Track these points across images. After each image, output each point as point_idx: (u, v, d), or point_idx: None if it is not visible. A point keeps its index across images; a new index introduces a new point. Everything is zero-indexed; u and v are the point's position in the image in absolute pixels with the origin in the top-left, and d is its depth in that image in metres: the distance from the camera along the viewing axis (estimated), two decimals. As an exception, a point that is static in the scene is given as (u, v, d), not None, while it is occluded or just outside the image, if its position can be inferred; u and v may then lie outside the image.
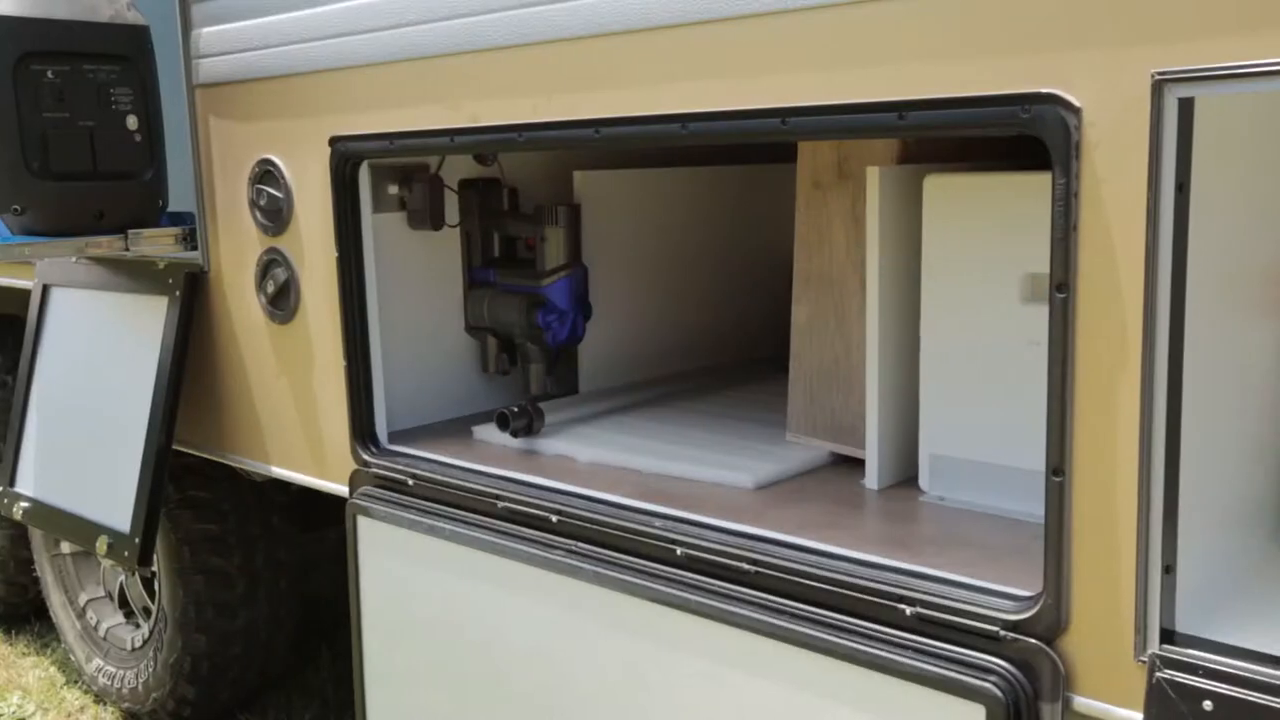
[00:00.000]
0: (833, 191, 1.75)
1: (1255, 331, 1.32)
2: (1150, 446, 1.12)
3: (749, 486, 1.71)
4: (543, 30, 1.60)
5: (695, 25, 1.45)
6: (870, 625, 1.33)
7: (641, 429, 2.00)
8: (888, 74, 1.29)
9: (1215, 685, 1.06)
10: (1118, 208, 1.13)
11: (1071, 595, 1.19)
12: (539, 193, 2.27)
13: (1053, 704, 1.20)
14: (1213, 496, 1.23)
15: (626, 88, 1.53)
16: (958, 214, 1.56)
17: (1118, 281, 1.14)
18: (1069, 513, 1.18)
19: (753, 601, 1.43)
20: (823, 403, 1.80)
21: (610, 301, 2.24)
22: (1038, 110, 1.16)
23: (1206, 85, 1.07)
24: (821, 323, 1.79)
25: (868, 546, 1.43)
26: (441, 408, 2.19)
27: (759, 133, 1.40)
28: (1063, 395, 1.17)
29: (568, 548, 1.64)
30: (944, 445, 1.62)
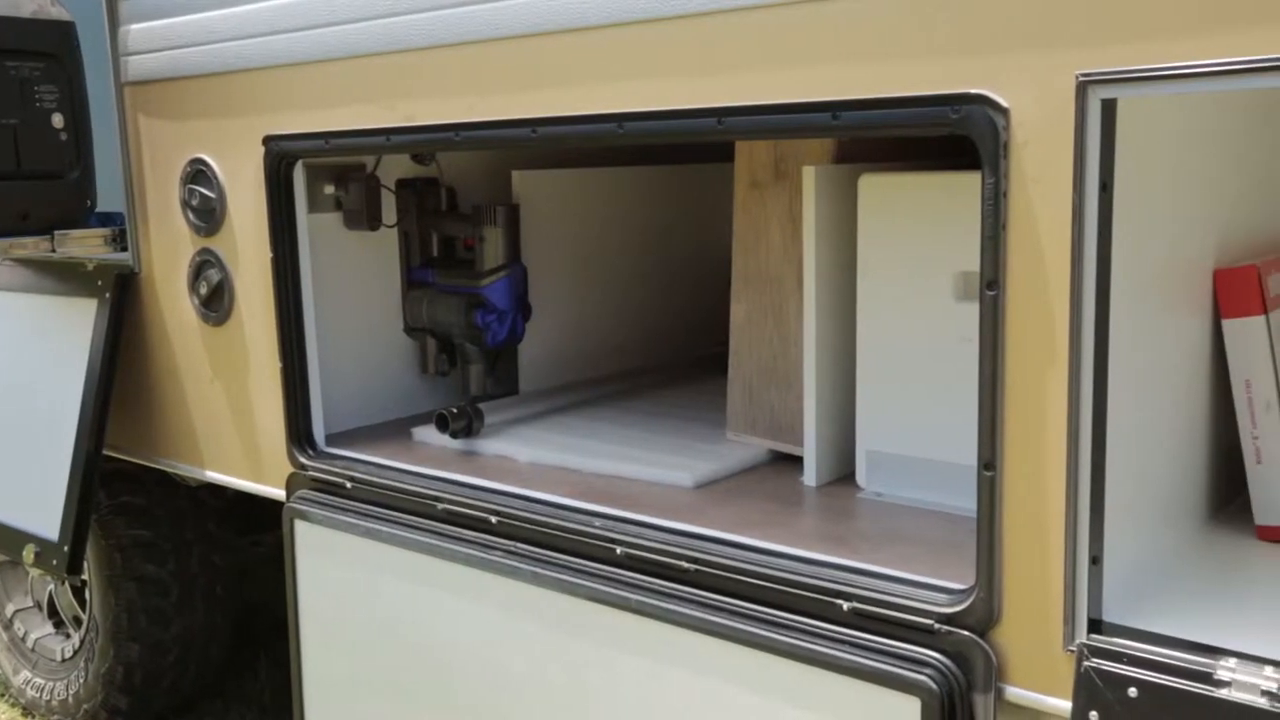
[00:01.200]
0: (770, 191, 1.76)
1: (1179, 327, 1.35)
2: (1078, 441, 1.15)
3: (688, 485, 1.71)
4: (478, 29, 1.59)
5: (631, 25, 1.45)
6: (808, 621, 1.34)
7: (581, 429, 2.00)
8: (822, 75, 1.30)
9: (1140, 672, 1.08)
10: (1045, 206, 1.15)
11: (1003, 588, 1.21)
12: (477, 193, 2.25)
13: (985, 695, 1.22)
14: (1139, 489, 1.25)
15: (563, 87, 1.52)
16: (892, 213, 1.58)
17: (1045, 279, 1.16)
18: (1000, 507, 1.20)
19: (692, 599, 1.44)
20: (761, 401, 1.81)
21: (550, 301, 2.24)
22: (967, 111, 1.18)
23: (1128, 87, 1.09)
24: (760, 321, 1.80)
25: (806, 543, 1.44)
26: (380, 409, 2.17)
27: (695, 132, 1.41)
28: (993, 391, 1.19)
29: (507, 549, 1.63)
30: (881, 442, 1.63)
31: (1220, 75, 1.04)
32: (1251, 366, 1.38)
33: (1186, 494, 1.40)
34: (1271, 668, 1.03)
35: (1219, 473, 1.48)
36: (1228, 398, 1.41)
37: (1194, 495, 1.42)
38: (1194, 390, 1.39)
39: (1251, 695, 1.02)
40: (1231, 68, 1.03)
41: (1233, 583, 1.29)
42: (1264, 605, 1.22)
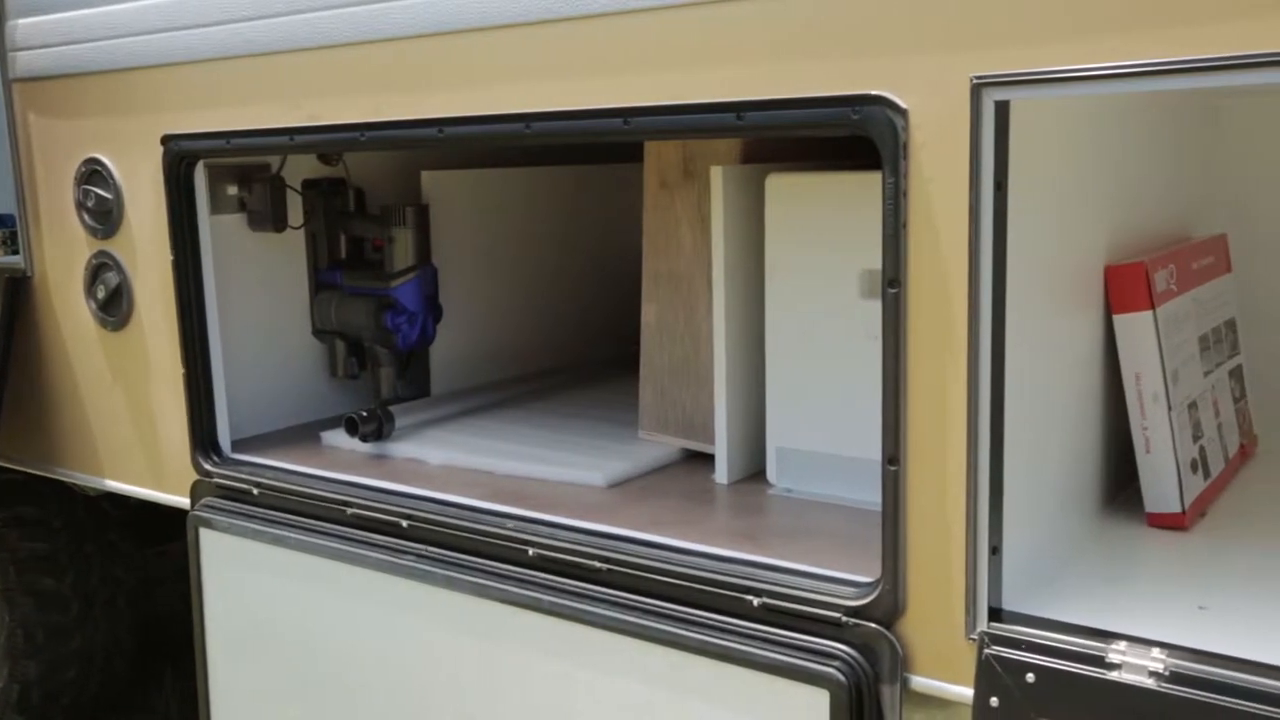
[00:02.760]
0: (679, 191, 1.77)
1: (1073, 323, 1.39)
2: (977, 435, 1.17)
3: (601, 485, 1.71)
4: (382, 28, 1.57)
5: (538, 25, 1.45)
6: (719, 617, 1.35)
7: (494, 430, 1.99)
8: (727, 75, 1.31)
9: (1036, 658, 1.12)
10: (943, 205, 1.17)
11: (907, 580, 1.23)
12: (386, 193, 2.23)
13: (892, 685, 1.24)
14: (1036, 480, 1.29)
15: (470, 87, 1.52)
16: (799, 212, 1.60)
17: (944, 277, 1.18)
18: (904, 501, 1.22)
19: (605, 599, 1.44)
20: (673, 400, 1.82)
21: (461, 302, 2.22)
22: (867, 111, 1.20)
23: (1020, 89, 1.12)
24: (670, 321, 1.81)
25: (717, 540, 1.46)
26: (288, 414, 2.13)
27: (602, 132, 1.41)
28: (896, 387, 1.22)
29: (419, 552, 1.61)
30: (790, 438, 1.65)
31: (1108, 79, 1.08)
32: (1141, 360, 1.43)
33: (1081, 484, 1.44)
34: (1159, 649, 1.07)
35: (1112, 463, 1.53)
36: (1120, 390, 1.46)
37: (1088, 485, 1.47)
38: (1087, 384, 1.44)
39: (1140, 676, 1.06)
40: (1119, 72, 1.07)
41: (1124, 568, 1.33)
42: (1153, 589, 1.26)
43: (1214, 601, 1.22)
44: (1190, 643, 1.10)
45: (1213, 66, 1.02)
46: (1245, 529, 1.44)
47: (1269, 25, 0.99)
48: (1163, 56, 1.05)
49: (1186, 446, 1.46)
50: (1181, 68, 1.04)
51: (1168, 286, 1.48)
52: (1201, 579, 1.29)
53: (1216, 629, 1.15)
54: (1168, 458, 1.42)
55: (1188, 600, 1.22)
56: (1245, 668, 1.05)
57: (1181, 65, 1.04)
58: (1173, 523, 1.43)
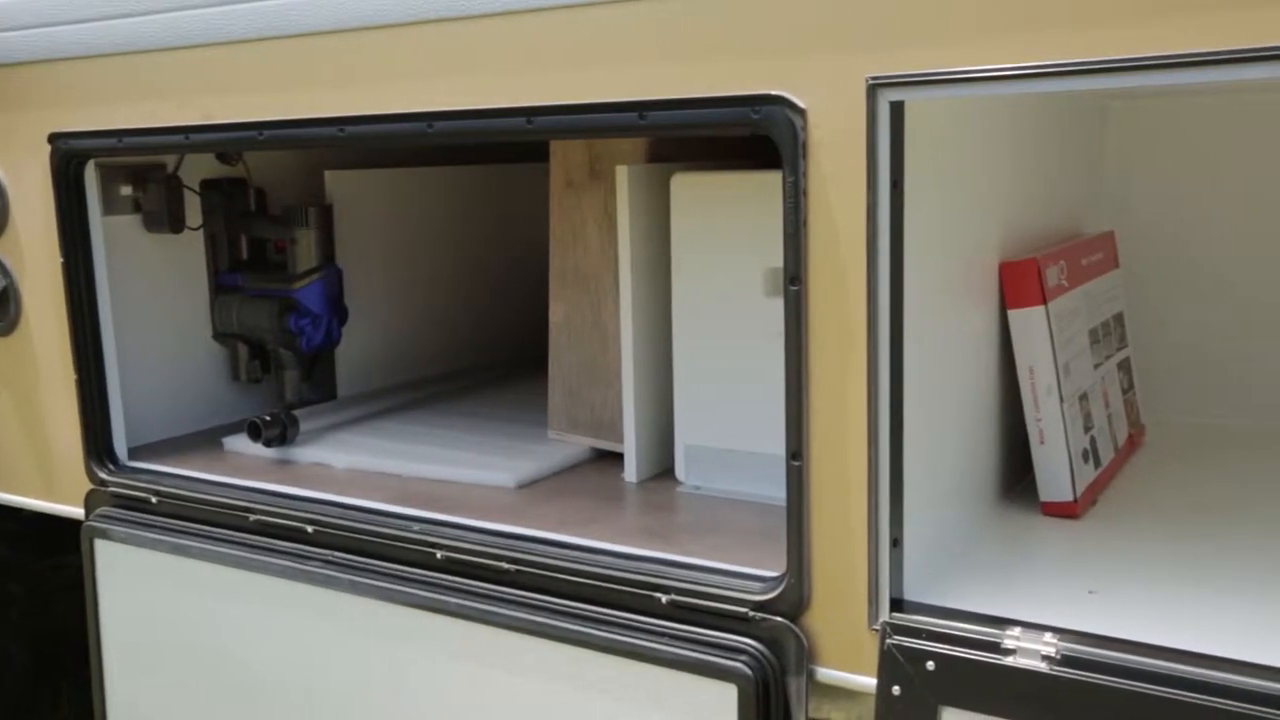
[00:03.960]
0: (585, 190, 1.77)
1: (970, 317, 1.43)
2: (877, 429, 1.20)
3: (510, 485, 1.71)
4: (281, 25, 1.54)
5: (440, 23, 1.43)
6: (628, 615, 1.35)
7: (402, 433, 1.97)
8: (629, 75, 1.31)
9: (936, 646, 1.14)
10: (842, 204, 1.19)
11: (812, 573, 1.25)
12: (289, 193, 2.19)
13: (798, 677, 1.26)
14: (935, 473, 1.32)
15: (372, 85, 1.49)
16: (704, 211, 1.61)
17: (844, 274, 1.20)
18: (807, 495, 1.24)
19: (513, 600, 1.44)
20: (582, 399, 1.82)
21: (367, 304, 2.19)
22: (767, 111, 1.21)
23: (914, 90, 1.14)
24: (578, 320, 1.81)
25: (625, 539, 1.46)
26: (189, 419, 2.08)
27: (505, 132, 1.41)
28: (799, 383, 1.23)
29: (324, 558, 1.59)
30: (698, 436, 1.67)
31: (1000, 80, 1.11)
32: (1034, 354, 1.47)
33: (979, 476, 1.48)
34: (1051, 634, 1.10)
35: (1009, 454, 1.57)
36: (1015, 384, 1.50)
37: (986, 476, 1.51)
38: (984, 378, 1.48)
39: (1033, 660, 1.09)
40: (1011, 73, 1.10)
41: (1020, 556, 1.37)
42: (1047, 576, 1.30)
43: (1103, 586, 1.26)
44: (1080, 626, 1.14)
45: (1102, 69, 1.06)
46: (1134, 515, 1.49)
47: (1156, 30, 1.03)
48: (1054, 59, 1.08)
49: (1078, 437, 1.51)
50: (1071, 70, 1.07)
51: (1059, 282, 1.53)
52: (1092, 564, 1.33)
53: (1105, 612, 1.19)
54: (1060, 448, 1.47)
55: (1079, 585, 1.26)
56: (1131, 649, 1.08)
57: (1071, 68, 1.07)
58: (1066, 511, 1.48)
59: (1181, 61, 1.02)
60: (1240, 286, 1.90)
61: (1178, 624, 1.15)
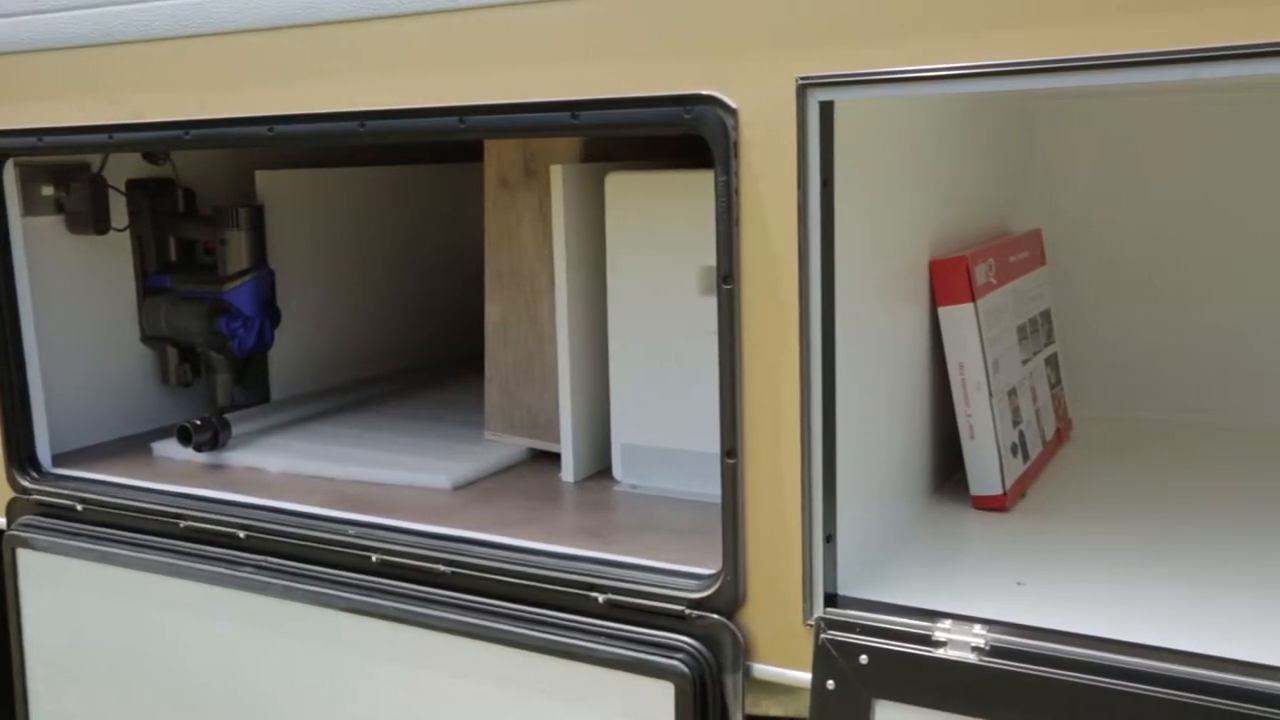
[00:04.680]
0: (520, 190, 1.77)
1: (901, 315, 1.45)
2: (810, 426, 1.21)
3: (446, 487, 1.69)
4: (207, 22, 1.52)
5: (370, 21, 1.42)
6: (564, 616, 1.35)
7: (337, 436, 1.94)
8: (562, 74, 1.31)
9: (869, 640, 1.16)
10: (773, 203, 1.20)
11: (747, 570, 1.26)
12: (219, 193, 2.15)
13: (734, 674, 1.27)
14: (868, 468, 1.33)
15: (302, 84, 1.48)
16: (638, 210, 1.62)
17: (776, 272, 1.21)
18: (742, 493, 1.25)
19: (449, 603, 1.43)
20: (518, 399, 1.81)
21: (300, 306, 2.16)
22: (698, 111, 1.22)
23: (843, 90, 1.16)
24: (514, 320, 1.80)
25: (562, 539, 1.46)
26: (117, 424, 2.04)
27: (438, 131, 1.40)
28: (732, 381, 1.24)
29: (257, 564, 1.56)
30: (635, 435, 1.67)
31: (929, 80, 1.12)
32: (963, 350, 1.49)
33: (911, 471, 1.50)
34: (980, 625, 1.12)
35: (940, 449, 1.59)
36: (945, 380, 1.53)
37: (918, 471, 1.53)
38: (915, 374, 1.50)
39: (963, 652, 1.11)
40: (938, 74, 1.11)
41: (951, 550, 1.39)
42: (977, 568, 1.32)
43: (1031, 577, 1.28)
44: (1009, 617, 1.16)
45: (1029, 70, 1.08)
46: (1061, 507, 1.52)
47: (1083, 32, 1.05)
48: (982, 60, 1.10)
49: (1007, 431, 1.54)
50: (999, 71, 1.09)
51: (987, 280, 1.56)
52: (1021, 556, 1.35)
53: (1033, 603, 1.21)
54: (989, 443, 1.49)
55: (1008, 577, 1.29)
56: (1058, 638, 1.11)
57: (999, 69, 1.09)
58: (995, 504, 1.50)
59: (1107, 64, 1.04)
60: (1164, 283, 1.95)
61: (1103, 613, 1.18)
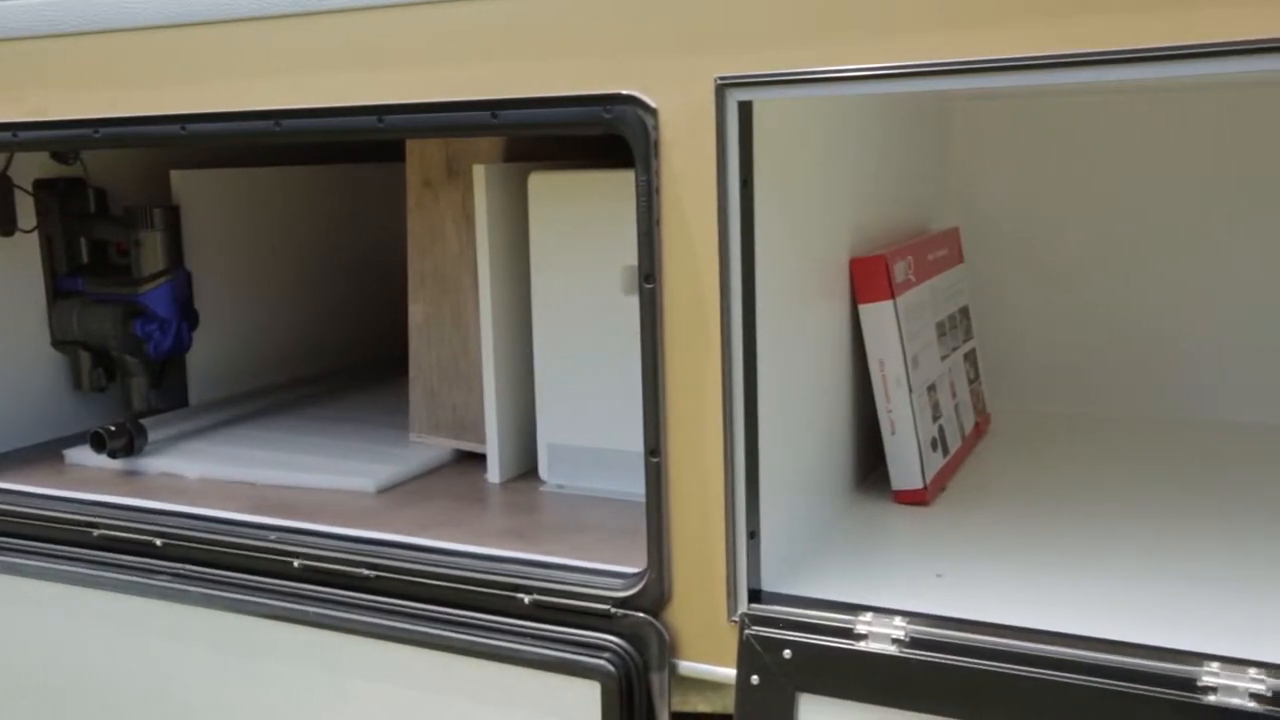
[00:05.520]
0: (443, 190, 1.75)
1: (821, 312, 1.46)
2: (732, 424, 1.21)
3: (370, 490, 1.68)
4: (117, 17, 1.48)
5: (287, 18, 1.40)
6: (490, 618, 1.34)
7: (258, 439, 1.91)
8: (482, 73, 1.30)
9: (792, 634, 1.17)
10: (693, 202, 1.21)
11: (672, 568, 1.26)
12: (133, 194, 2.10)
13: (660, 672, 1.27)
14: (791, 465, 1.35)
15: (216, 82, 1.45)
16: (562, 210, 1.61)
17: (697, 271, 1.22)
18: (666, 491, 1.25)
19: (374, 607, 1.41)
20: (443, 401, 1.80)
21: (219, 307, 2.12)
22: (618, 110, 1.22)
23: (762, 90, 1.17)
24: (438, 321, 1.79)
25: (488, 540, 1.45)
26: (26, 431, 1.98)
27: (356, 131, 1.38)
28: (655, 380, 1.24)
29: (174, 571, 1.53)
30: (561, 435, 1.67)
31: (847, 80, 1.13)
32: (883, 347, 1.51)
33: (834, 467, 1.52)
34: (900, 618, 1.14)
35: (862, 445, 1.61)
36: (866, 376, 1.55)
37: (841, 467, 1.55)
38: (837, 371, 1.51)
39: (884, 644, 1.12)
40: (857, 74, 1.13)
41: (873, 544, 1.41)
42: (898, 561, 1.34)
43: (950, 569, 1.31)
44: (928, 609, 1.18)
45: (945, 71, 1.09)
46: (980, 501, 1.55)
47: (995, 34, 1.07)
48: (899, 61, 1.11)
49: (927, 426, 1.56)
50: (915, 72, 1.11)
51: (906, 277, 1.58)
52: (941, 549, 1.38)
53: (951, 594, 1.23)
54: (910, 438, 1.52)
55: (928, 569, 1.31)
56: (975, 628, 1.13)
57: (916, 70, 1.11)
58: (916, 498, 1.53)
59: (1020, 65, 1.06)
60: (1079, 280, 2.00)
61: (1019, 603, 1.20)
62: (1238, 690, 0.99)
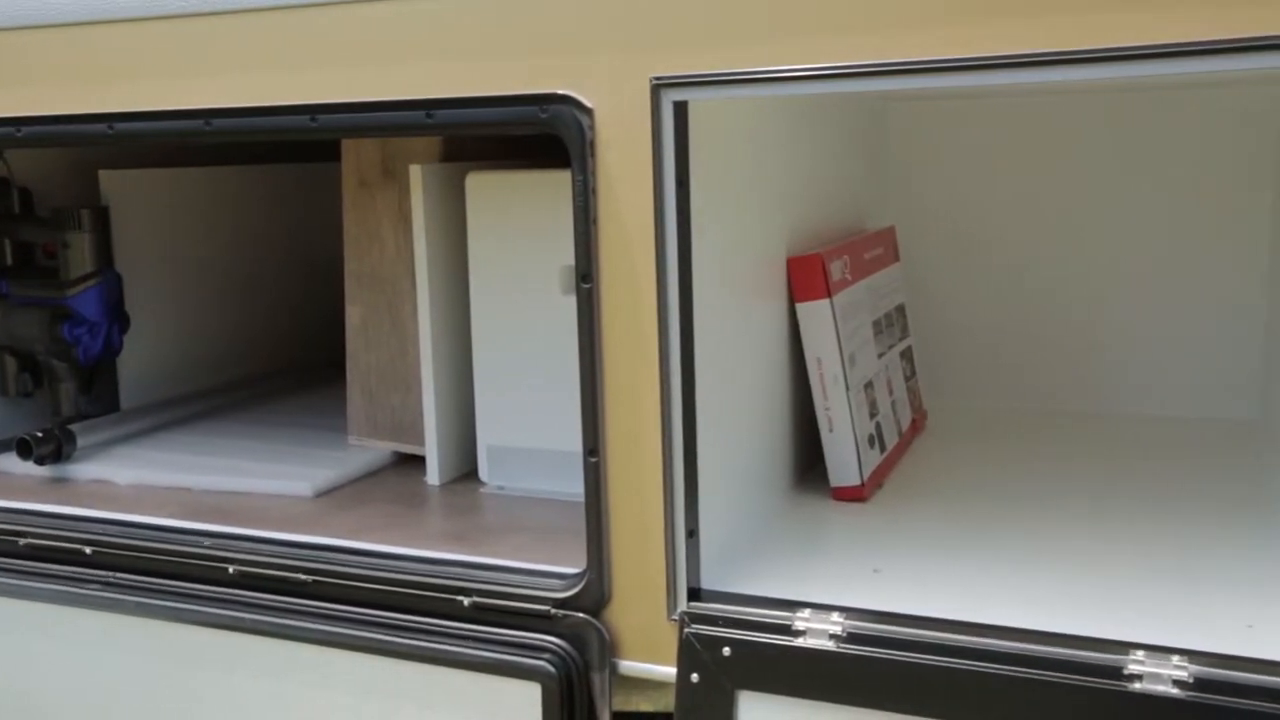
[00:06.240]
0: (379, 190, 1.74)
1: (759, 311, 1.47)
2: (670, 424, 1.22)
3: (307, 494, 1.66)
4: (41, 13, 1.45)
5: (219, 15, 1.37)
6: (430, 621, 1.33)
7: (192, 444, 1.88)
8: (417, 72, 1.29)
9: (731, 632, 1.17)
10: (630, 202, 1.21)
11: (612, 567, 1.26)
12: (60, 194, 2.05)
13: (601, 672, 1.27)
14: (729, 463, 1.36)
15: (145, 80, 1.42)
16: (500, 210, 1.60)
17: (634, 271, 1.22)
18: (605, 491, 1.25)
19: (312, 612, 1.39)
20: (382, 403, 1.78)
21: (152, 310, 2.08)
22: (554, 110, 1.22)
23: (697, 90, 1.17)
24: (376, 322, 1.77)
25: (427, 543, 1.44)
26: (-50, 439, 1.93)
27: (288, 130, 1.36)
28: (593, 380, 1.24)
29: (105, 580, 1.50)
30: (501, 436, 1.66)
31: (782, 81, 1.14)
32: (821, 345, 1.53)
33: (773, 464, 1.53)
34: (838, 613, 1.15)
35: (800, 443, 1.63)
36: (804, 374, 1.56)
37: (779, 465, 1.56)
38: (775, 369, 1.53)
39: (821, 640, 1.13)
40: (791, 74, 1.13)
41: (811, 541, 1.42)
42: (836, 558, 1.36)
43: (888, 564, 1.32)
44: (866, 604, 1.19)
45: (878, 72, 1.11)
46: (917, 496, 1.57)
47: (929, 35, 1.09)
48: (833, 62, 1.12)
49: (864, 424, 1.58)
50: (849, 72, 1.12)
51: (843, 276, 1.60)
52: (878, 545, 1.39)
53: (888, 589, 1.25)
54: (847, 435, 1.53)
55: (866, 565, 1.32)
56: (912, 622, 1.14)
57: (849, 70, 1.12)
58: (854, 495, 1.54)
59: (953, 67, 1.08)
60: (1013, 278, 2.03)
61: (956, 597, 1.22)
62: (1162, 677, 1.02)
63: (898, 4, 1.10)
